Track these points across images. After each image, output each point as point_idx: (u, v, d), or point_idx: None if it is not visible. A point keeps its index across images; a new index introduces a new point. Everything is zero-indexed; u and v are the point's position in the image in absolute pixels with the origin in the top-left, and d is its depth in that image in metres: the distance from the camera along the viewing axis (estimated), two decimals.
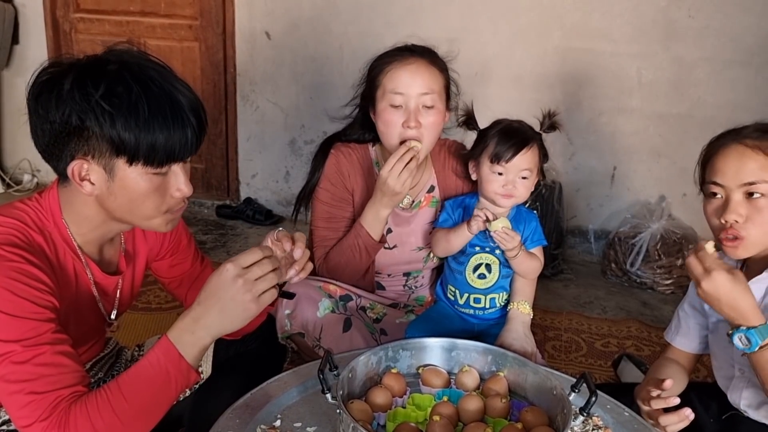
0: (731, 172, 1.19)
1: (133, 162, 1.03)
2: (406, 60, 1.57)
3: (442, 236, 1.63)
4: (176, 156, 1.06)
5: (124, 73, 1.02)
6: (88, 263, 1.18)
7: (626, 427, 1.19)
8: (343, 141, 1.74)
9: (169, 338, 1.04)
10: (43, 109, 1.03)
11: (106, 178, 1.05)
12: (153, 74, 1.04)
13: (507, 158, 1.53)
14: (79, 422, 0.97)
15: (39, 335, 0.99)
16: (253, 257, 1.04)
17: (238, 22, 3.32)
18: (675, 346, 1.50)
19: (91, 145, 1.02)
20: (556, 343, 2.41)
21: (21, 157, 3.74)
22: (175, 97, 1.04)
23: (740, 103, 2.84)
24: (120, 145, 1.02)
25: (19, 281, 1.00)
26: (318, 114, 3.30)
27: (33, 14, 3.52)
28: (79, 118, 1.01)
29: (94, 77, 1.01)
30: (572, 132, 3.04)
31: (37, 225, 1.11)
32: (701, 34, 2.84)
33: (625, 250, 2.93)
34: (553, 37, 2.98)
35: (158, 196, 1.09)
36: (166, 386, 1.04)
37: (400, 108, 1.56)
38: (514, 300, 1.64)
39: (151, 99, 1.02)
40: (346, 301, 1.71)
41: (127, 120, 1.00)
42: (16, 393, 0.97)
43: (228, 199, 3.61)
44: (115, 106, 1.00)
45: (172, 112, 1.03)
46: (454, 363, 1.31)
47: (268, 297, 1.05)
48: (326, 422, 1.14)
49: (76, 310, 1.17)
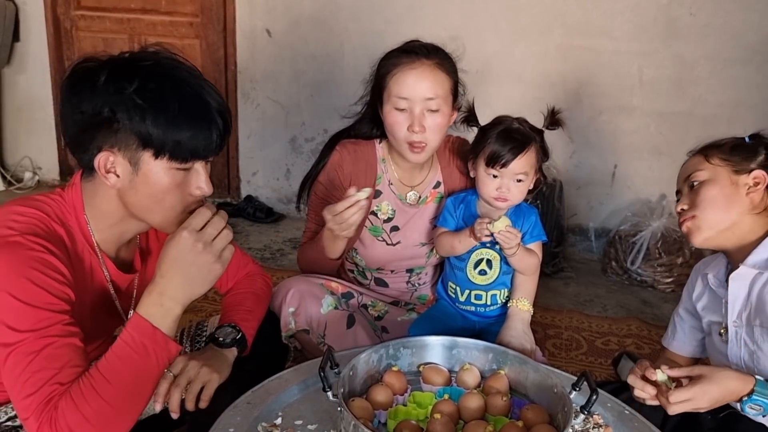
0: (679, 176, 1.42)
1: (159, 156, 1.06)
2: (412, 64, 1.55)
3: (446, 240, 1.63)
4: (200, 154, 1.09)
5: (157, 70, 1.06)
6: (104, 260, 1.19)
7: (627, 425, 1.19)
8: (352, 136, 1.74)
9: (139, 314, 1.05)
10: (76, 99, 1.06)
11: (131, 171, 1.08)
12: (184, 74, 1.08)
13: (502, 162, 1.52)
14: (68, 415, 0.98)
15: (50, 326, 1.00)
16: (204, 217, 1.06)
17: (239, 20, 3.31)
18: (671, 350, 1.52)
19: (120, 137, 1.05)
20: (557, 341, 2.41)
21: (22, 155, 3.73)
22: (204, 97, 1.08)
23: (741, 101, 2.84)
24: (148, 139, 1.05)
25: (38, 270, 1.01)
26: (319, 111, 3.30)
27: (34, 12, 3.51)
28: (111, 110, 1.04)
29: (128, 72, 1.05)
30: (573, 130, 3.03)
31: (59, 217, 1.12)
32: (702, 32, 2.84)
33: (625, 249, 2.93)
34: (554, 35, 2.98)
35: (178, 193, 1.11)
36: (145, 361, 1.04)
37: (405, 111, 1.56)
38: (513, 297, 1.64)
39: (182, 97, 1.06)
40: (348, 299, 1.71)
41: (157, 115, 1.04)
42: (19, 383, 0.98)
43: (229, 197, 3.61)
44: (146, 100, 1.03)
45: (201, 111, 1.07)
46: (455, 361, 1.31)
47: (228, 253, 1.07)
48: (327, 420, 1.14)
49: (91, 306, 1.17)
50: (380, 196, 1.72)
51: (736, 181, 1.31)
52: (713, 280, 1.40)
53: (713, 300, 1.40)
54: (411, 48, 1.59)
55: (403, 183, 1.73)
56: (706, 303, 1.43)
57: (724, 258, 1.40)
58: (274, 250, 3.11)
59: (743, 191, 1.30)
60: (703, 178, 1.33)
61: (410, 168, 1.71)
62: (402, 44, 1.63)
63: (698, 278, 1.45)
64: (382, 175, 1.72)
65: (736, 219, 1.30)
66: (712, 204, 1.31)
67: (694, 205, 1.33)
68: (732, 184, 1.31)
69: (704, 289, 1.43)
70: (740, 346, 1.32)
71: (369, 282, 1.81)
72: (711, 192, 1.31)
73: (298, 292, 1.61)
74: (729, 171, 1.31)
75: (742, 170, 1.31)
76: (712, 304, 1.41)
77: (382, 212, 1.73)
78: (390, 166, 1.72)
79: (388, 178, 1.72)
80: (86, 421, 0.98)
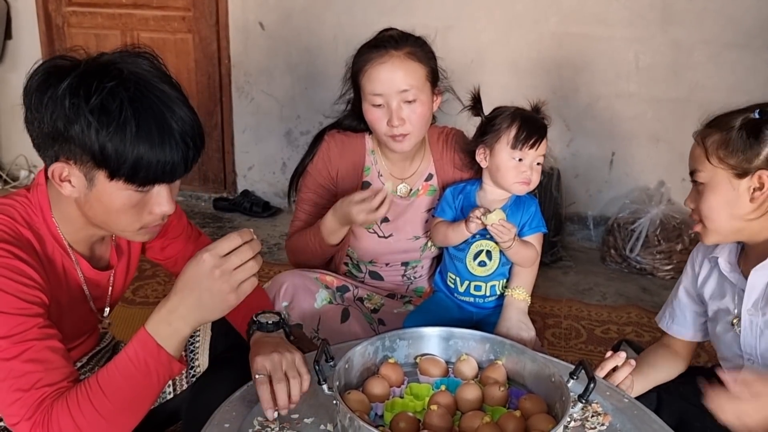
0: (689, 160, 1.30)
1: (114, 177, 1.01)
2: (382, 58, 1.53)
3: (441, 230, 1.62)
4: (161, 178, 1.03)
5: (121, 90, 0.99)
6: (77, 260, 1.17)
7: (625, 413, 1.19)
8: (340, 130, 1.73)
9: (146, 330, 1.01)
10: (35, 105, 1.01)
11: (86, 185, 1.03)
12: (152, 95, 1.01)
13: (531, 143, 1.51)
14: (62, 421, 0.96)
15: (26, 331, 0.99)
16: (231, 244, 0.97)
17: (232, 13, 3.29)
18: (671, 334, 1.47)
19: (74, 152, 1.00)
20: (556, 331, 2.40)
21: (17, 153, 3.72)
22: (168, 121, 1.01)
23: (739, 86, 2.82)
24: (102, 160, 0.99)
25: (6, 277, 1.00)
26: (313, 105, 3.28)
27: (25, 9, 3.49)
28: (65, 126, 0.99)
29: (89, 87, 0.98)
30: (570, 118, 3.02)
31: (26, 220, 1.10)
32: (699, 16, 2.82)
33: (624, 236, 2.92)
34: (549, 22, 2.96)
35: (135, 213, 1.06)
36: (146, 379, 1.01)
37: (382, 106, 1.55)
38: (509, 286, 1.62)
39: (142, 121, 0.98)
40: (343, 292, 1.70)
41: (112, 138, 0.98)
42: (3, 390, 0.97)
43: (225, 191, 3.60)
44: (102, 123, 0.97)
45: (161, 136, 1.00)
46: (452, 352, 1.30)
47: (248, 286, 1.00)
48: (323, 413, 1.13)
49: (67, 306, 1.16)
50: (369, 187, 1.70)
51: (738, 186, 1.21)
52: (724, 265, 1.33)
53: (721, 285, 1.35)
54: (380, 41, 1.57)
55: (393, 175, 1.72)
56: (713, 289, 1.36)
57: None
58: (271, 244, 3.10)
59: (746, 197, 1.21)
60: (704, 181, 1.24)
61: (400, 160, 1.70)
62: (372, 37, 1.60)
63: (704, 260, 1.39)
64: (371, 167, 1.71)
65: (743, 225, 1.23)
66: (714, 213, 1.24)
67: (699, 210, 1.26)
68: (733, 190, 1.21)
69: (711, 273, 1.37)
70: (756, 335, 1.27)
71: (364, 275, 1.79)
72: (711, 200, 1.23)
73: (292, 286, 1.60)
74: (729, 175, 1.21)
75: (743, 173, 1.20)
76: (720, 289, 1.35)
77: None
78: (379, 158, 1.71)
79: (377, 170, 1.71)
80: (76, 429, 0.96)
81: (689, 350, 1.47)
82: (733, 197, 1.21)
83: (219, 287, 0.97)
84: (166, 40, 3.39)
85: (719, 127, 1.23)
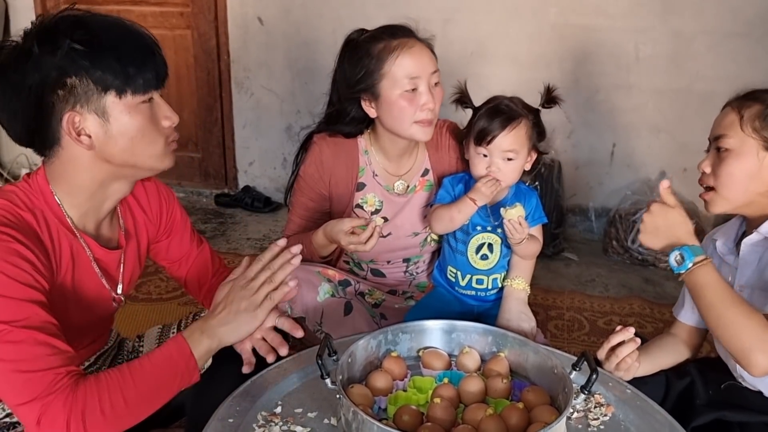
0: (713, 126, 1.33)
1: (122, 93, 1.07)
2: (406, 43, 1.53)
3: (443, 212, 1.57)
4: (153, 83, 1.10)
5: (83, 21, 1.07)
6: (85, 240, 1.17)
7: (628, 404, 1.19)
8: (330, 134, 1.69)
9: (183, 336, 1.11)
10: (18, 77, 1.04)
11: (101, 123, 1.07)
12: (109, 19, 1.11)
13: (488, 139, 1.49)
14: (88, 397, 0.99)
15: (29, 316, 0.99)
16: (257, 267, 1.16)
17: (230, 8, 3.28)
18: (679, 319, 1.49)
19: (78, 92, 1.05)
20: (559, 323, 2.40)
21: (18, 152, 3.72)
22: (137, 30, 1.11)
23: (740, 75, 2.80)
24: (105, 81, 1.05)
25: (8, 261, 1.00)
26: (314, 99, 3.26)
27: (23, 8, 3.48)
28: (58, 71, 1.03)
29: (56, 33, 1.04)
30: (570, 110, 3.01)
31: (27, 204, 1.10)
32: (699, 6, 2.80)
33: (626, 228, 2.92)
34: (549, 13, 2.94)
35: (152, 127, 1.12)
36: (172, 379, 1.08)
37: (414, 92, 1.53)
38: (508, 276, 1.62)
39: (118, 36, 1.08)
40: (344, 286, 1.70)
41: (103, 56, 1.04)
42: (11, 372, 0.97)
43: (226, 187, 3.60)
44: (87, 46, 1.04)
45: (140, 44, 1.09)
46: (455, 345, 1.30)
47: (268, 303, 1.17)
48: (327, 407, 1.13)
49: (76, 291, 1.16)
50: (364, 188, 1.69)
51: (764, 158, 1.24)
52: (721, 247, 1.37)
53: (719, 268, 1.35)
54: (392, 31, 1.56)
55: (389, 173, 1.70)
56: None
57: (738, 222, 1.37)
58: (273, 239, 3.10)
59: (766, 171, 1.25)
60: (731, 147, 1.26)
61: (397, 157, 1.68)
62: (371, 33, 1.59)
63: (709, 244, 1.42)
64: (365, 167, 1.69)
65: (754, 198, 1.27)
66: (733, 181, 1.26)
67: (716, 175, 1.28)
68: (758, 161, 1.25)
69: (711, 255, 1.38)
70: None
71: (365, 273, 1.79)
72: (733, 167, 1.26)
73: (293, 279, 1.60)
74: (759, 146, 1.25)
75: None
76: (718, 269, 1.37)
77: (369, 204, 1.71)
78: (374, 157, 1.69)
79: (372, 170, 1.69)
80: (100, 410, 0.99)
81: (695, 339, 1.48)
82: (755, 168, 1.25)
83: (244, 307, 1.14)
84: (165, 36, 3.38)
85: (761, 101, 1.27)
